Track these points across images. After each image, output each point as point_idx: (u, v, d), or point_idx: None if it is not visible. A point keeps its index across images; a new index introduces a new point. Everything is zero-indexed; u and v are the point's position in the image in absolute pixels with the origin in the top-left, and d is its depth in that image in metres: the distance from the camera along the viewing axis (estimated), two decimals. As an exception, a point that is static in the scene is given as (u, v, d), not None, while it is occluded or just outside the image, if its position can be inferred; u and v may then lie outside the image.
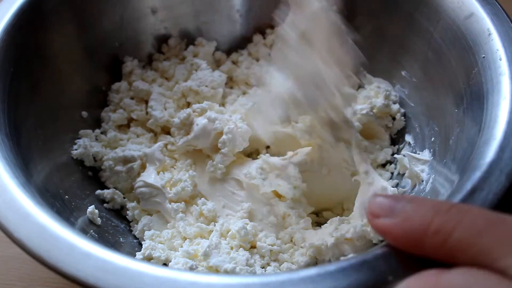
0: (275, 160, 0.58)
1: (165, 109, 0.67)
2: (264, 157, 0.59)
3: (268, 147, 0.63)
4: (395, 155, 0.64)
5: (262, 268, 0.53)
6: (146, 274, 0.38)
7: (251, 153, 0.65)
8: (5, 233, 0.42)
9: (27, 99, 0.56)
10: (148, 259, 0.53)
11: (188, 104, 0.68)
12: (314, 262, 0.52)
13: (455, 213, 0.34)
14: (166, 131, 0.66)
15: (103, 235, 0.54)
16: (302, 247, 0.54)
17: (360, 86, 0.67)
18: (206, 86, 0.67)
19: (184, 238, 0.56)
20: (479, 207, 0.35)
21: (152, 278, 0.37)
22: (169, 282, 0.37)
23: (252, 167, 0.59)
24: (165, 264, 0.53)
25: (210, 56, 0.73)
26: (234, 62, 0.75)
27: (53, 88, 0.60)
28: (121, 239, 0.55)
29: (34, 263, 0.40)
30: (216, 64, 0.74)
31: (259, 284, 0.36)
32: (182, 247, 0.55)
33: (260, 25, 0.75)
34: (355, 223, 0.51)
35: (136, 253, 0.53)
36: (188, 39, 0.74)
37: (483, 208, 0.35)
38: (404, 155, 0.62)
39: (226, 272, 0.50)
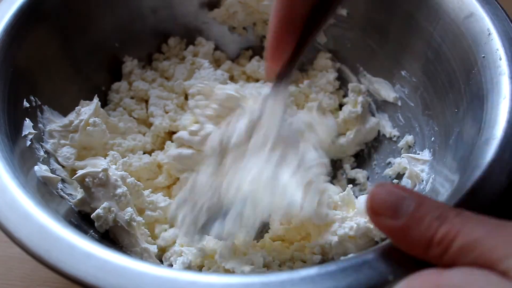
0: None
1: (166, 112, 0.67)
2: None
3: None
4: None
5: (280, 266, 0.53)
6: (146, 274, 0.38)
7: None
8: (5, 233, 0.42)
9: (27, 99, 0.56)
10: (163, 250, 0.54)
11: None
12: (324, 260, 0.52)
13: (458, 222, 0.34)
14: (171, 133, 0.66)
15: (104, 235, 0.54)
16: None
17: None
18: None
19: None
20: (481, 215, 0.35)
21: (152, 278, 0.37)
22: (169, 282, 0.37)
23: None
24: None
25: (210, 55, 0.73)
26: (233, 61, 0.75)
27: (53, 88, 0.61)
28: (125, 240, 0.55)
29: (34, 263, 0.40)
30: (216, 64, 0.74)
31: (259, 284, 0.36)
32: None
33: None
34: (358, 220, 0.51)
35: (151, 245, 0.54)
36: (188, 38, 0.75)
37: (485, 214, 0.35)
38: (403, 156, 0.62)
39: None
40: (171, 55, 0.74)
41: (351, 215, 0.52)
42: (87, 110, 0.60)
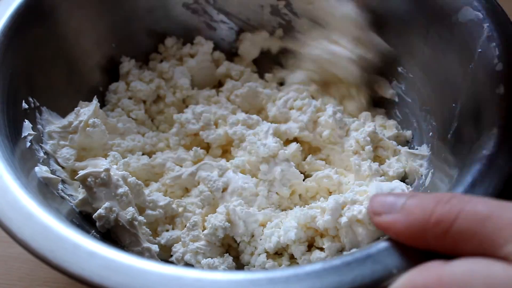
0: None
1: None
2: None
3: None
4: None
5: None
6: (152, 272, 0.38)
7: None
8: (8, 234, 0.42)
9: (26, 100, 0.56)
10: (164, 249, 0.54)
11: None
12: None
13: (456, 203, 0.35)
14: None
15: (106, 236, 0.54)
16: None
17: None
18: None
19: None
20: (480, 197, 0.35)
21: (158, 276, 0.37)
22: (175, 280, 0.37)
23: None
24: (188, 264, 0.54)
25: (209, 55, 0.74)
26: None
27: (51, 89, 0.61)
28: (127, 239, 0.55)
29: (34, 263, 0.40)
30: (215, 64, 0.74)
31: (265, 280, 0.36)
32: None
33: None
34: (367, 204, 0.51)
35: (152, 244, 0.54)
36: (185, 38, 0.75)
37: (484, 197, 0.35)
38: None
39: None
40: (168, 55, 0.74)
41: (363, 198, 0.53)
42: (86, 111, 0.60)
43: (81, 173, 0.54)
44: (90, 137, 0.59)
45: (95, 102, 0.61)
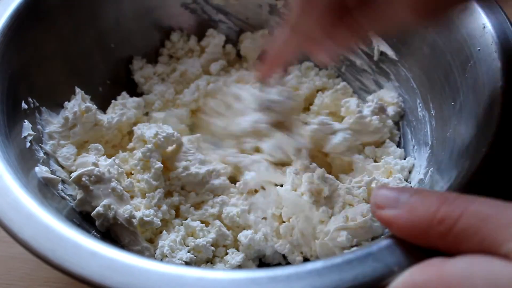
0: None
1: None
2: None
3: None
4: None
5: None
6: (152, 271, 0.38)
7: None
8: (9, 234, 0.42)
9: (26, 101, 0.56)
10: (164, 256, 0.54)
11: None
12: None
13: (460, 202, 0.35)
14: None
15: (106, 236, 0.54)
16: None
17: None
18: None
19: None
20: (484, 197, 0.35)
21: (159, 275, 0.37)
22: (176, 279, 0.37)
23: None
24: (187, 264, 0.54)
25: (220, 48, 0.74)
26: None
27: (50, 89, 0.61)
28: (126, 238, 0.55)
29: (35, 263, 0.40)
30: (226, 58, 0.75)
31: (266, 278, 0.36)
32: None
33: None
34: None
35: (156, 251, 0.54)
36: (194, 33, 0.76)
37: (487, 197, 0.35)
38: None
39: None
40: (177, 50, 0.75)
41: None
42: (75, 101, 0.61)
43: (74, 175, 0.54)
44: (90, 123, 0.60)
45: (79, 90, 0.62)
